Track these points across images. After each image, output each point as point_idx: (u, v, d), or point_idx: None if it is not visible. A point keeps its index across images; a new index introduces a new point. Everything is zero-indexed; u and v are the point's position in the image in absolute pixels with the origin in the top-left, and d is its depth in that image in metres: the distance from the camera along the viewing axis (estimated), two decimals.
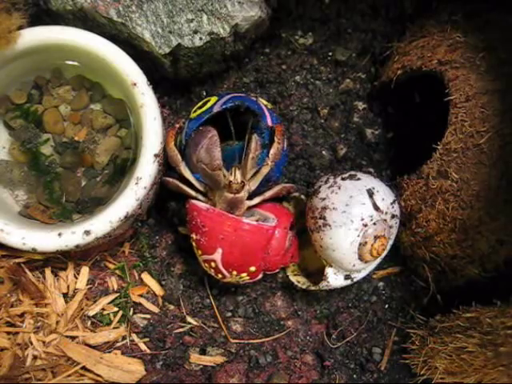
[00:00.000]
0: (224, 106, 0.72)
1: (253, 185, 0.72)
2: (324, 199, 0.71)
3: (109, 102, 0.79)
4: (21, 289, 0.75)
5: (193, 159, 0.71)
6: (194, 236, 0.71)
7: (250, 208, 0.73)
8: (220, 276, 0.72)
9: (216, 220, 0.69)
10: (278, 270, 0.76)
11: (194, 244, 0.72)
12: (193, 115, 0.74)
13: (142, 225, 0.81)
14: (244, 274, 0.71)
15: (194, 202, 0.71)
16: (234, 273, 0.71)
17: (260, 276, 0.74)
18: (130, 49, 0.75)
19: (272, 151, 0.70)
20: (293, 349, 0.80)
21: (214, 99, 0.75)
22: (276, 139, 0.70)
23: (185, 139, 0.73)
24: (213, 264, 0.71)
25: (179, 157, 0.71)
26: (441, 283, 0.79)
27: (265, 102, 0.76)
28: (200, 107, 0.75)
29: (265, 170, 0.71)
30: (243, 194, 0.70)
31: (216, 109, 0.72)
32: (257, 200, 0.73)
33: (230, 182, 0.69)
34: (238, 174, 0.69)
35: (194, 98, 0.89)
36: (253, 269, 0.71)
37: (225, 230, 0.68)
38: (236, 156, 0.73)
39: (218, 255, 0.69)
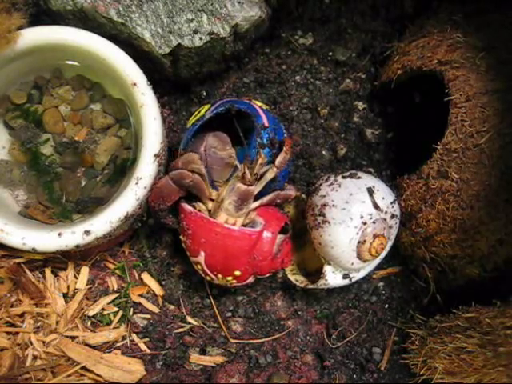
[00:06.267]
0: (215, 111, 0.72)
1: (256, 189, 0.71)
2: (324, 196, 0.71)
3: (109, 102, 0.79)
4: (21, 289, 0.75)
5: (200, 153, 0.71)
6: (181, 237, 0.72)
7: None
8: (209, 278, 0.72)
9: (198, 223, 0.69)
10: (269, 275, 0.74)
11: (183, 245, 0.73)
12: (188, 125, 0.76)
13: (141, 225, 0.81)
14: (230, 278, 0.71)
15: (182, 204, 0.71)
16: (220, 276, 0.71)
17: (250, 280, 0.73)
18: (129, 49, 0.75)
19: (279, 159, 0.71)
20: (293, 349, 0.80)
21: (206, 107, 0.76)
22: (284, 149, 0.71)
23: (182, 150, 0.73)
24: (199, 266, 0.71)
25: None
26: (441, 283, 0.79)
27: (259, 104, 0.76)
28: (194, 116, 0.76)
29: (269, 176, 0.71)
30: (255, 188, 0.70)
31: (208, 115, 0.72)
32: (254, 205, 0.72)
33: (244, 173, 0.69)
34: (248, 169, 0.69)
35: (194, 98, 0.89)
36: (238, 273, 0.70)
37: (206, 233, 0.68)
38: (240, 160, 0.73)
39: (201, 258, 0.70)
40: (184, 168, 0.69)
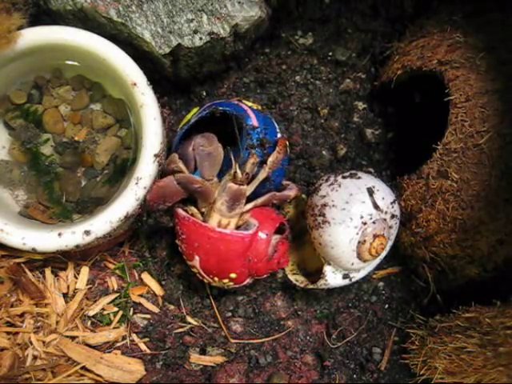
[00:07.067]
0: (200, 115, 0.73)
1: (249, 189, 0.71)
2: (324, 196, 0.71)
3: (109, 102, 0.79)
4: (21, 289, 0.75)
5: (189, 154, 0.71)
6: (177, 242, 0.72)
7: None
8: (206, 281, 0.72)
9: (191, 228, 0.68)
10: (267, 275, 0.74)
11: (179, 249, 0.73)
12: (179, 128, 0.76)
13: (141, 225, 0.81)
14: (226, 280, 0.71)
15: (176, 209, 0.71)
16: (216, 279, 0.71)
17: (248, 281, 0.73)
18: (130, 49, 0.75)
19: (271, 158, 0.70)
20: (293, 349, 0.80)
21: (195, 110, 0.76)
22: (277, 149, 0.71)
23: (173, 152, 0.73)
24: (195, 270, 0.71)
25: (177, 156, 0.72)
26: (441, 283, 0.79)
27: (250, 104, 0.76)
28: (184, 119, 0.77)
29: (261, 176, 0.71)
30: (246, 187, 0.69)
31: (193, 119, 0.73)
32: (248, 206, 0.71)
33: (235, 172, 0.68)
34: (239, 169, 0.69)
35: (194, 98, 0.89)
36: (233, 275, 0.70)
37: (200, 238, 0.68)
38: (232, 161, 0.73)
39: (196, 262, 0.70)
40: (168, 169, 0.70)
